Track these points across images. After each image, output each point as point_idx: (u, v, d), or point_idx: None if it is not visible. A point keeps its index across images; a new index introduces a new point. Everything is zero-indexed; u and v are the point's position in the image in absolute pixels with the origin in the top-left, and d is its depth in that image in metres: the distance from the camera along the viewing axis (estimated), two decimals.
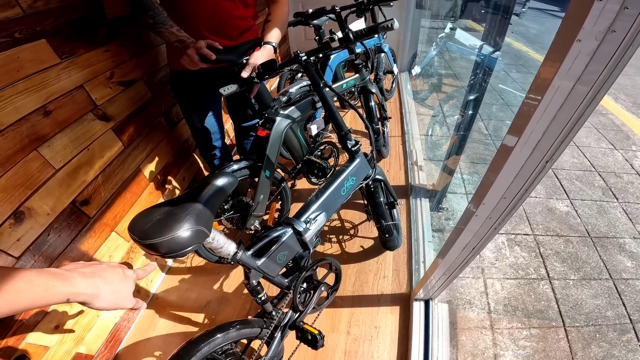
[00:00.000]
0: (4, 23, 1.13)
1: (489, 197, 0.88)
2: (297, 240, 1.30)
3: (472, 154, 3.44)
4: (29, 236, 1.21)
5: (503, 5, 1.68)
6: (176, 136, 2.10)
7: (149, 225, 0.84)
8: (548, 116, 0.63)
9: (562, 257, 2.43)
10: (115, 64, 1.63)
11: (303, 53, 1.32)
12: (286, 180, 1.93)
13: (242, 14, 1.63)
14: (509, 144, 0.73)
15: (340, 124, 1.48)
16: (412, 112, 3.53)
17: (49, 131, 1.28)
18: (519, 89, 5.09)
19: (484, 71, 1.81)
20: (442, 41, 3.94)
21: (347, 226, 2.26)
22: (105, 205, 1.57)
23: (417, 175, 2.59)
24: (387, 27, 1.12)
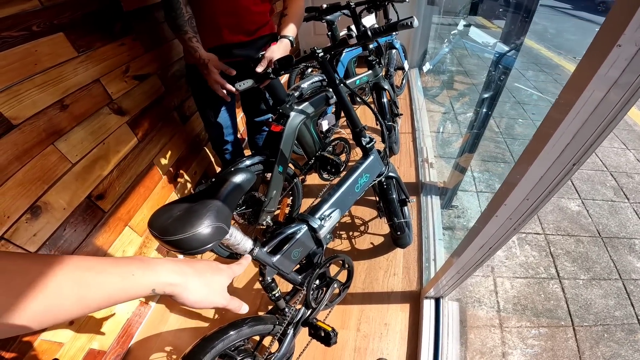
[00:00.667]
0: (22, 16, 1.13)
1: (511, 198, 0.87)
2: (312, 237, 1.30)
3: (483, 152, 3.43)
4: (45, 231, 1.22)
5: (525, 6, 1.64)
6: (188, 130, 2.10)
7: (170, 222, 0.84)
8: (580, 119, 0.62)
9: (572, 256, 2.42)
10: (131, 57, 1.62)
11: (320, 49, 1.31)
12: (298, 176, 1.93)
13: (260, 9, 1.63)
14: (537, 145, 0.71)
15: (356, 120, 1.47)
16: (423, 109, 3.50)
17: (65, 125, 1.28)
18: (530, 87, 5.05)
19: (501, 70, 1.79)
20: (455, 38, 3.91)
21: (357, 222, 2.25)
22: (120, 200, 1.58)
23: (427, 172, 2.58)
24: (406, 24, 1.11)
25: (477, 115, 1.95)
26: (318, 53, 1.31)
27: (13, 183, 1.09)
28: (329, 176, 2.00)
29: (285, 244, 1.21)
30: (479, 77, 5.25)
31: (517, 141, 3.66)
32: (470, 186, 3.00)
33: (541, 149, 0.70)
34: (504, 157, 3.41)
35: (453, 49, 4.68)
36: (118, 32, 1.54)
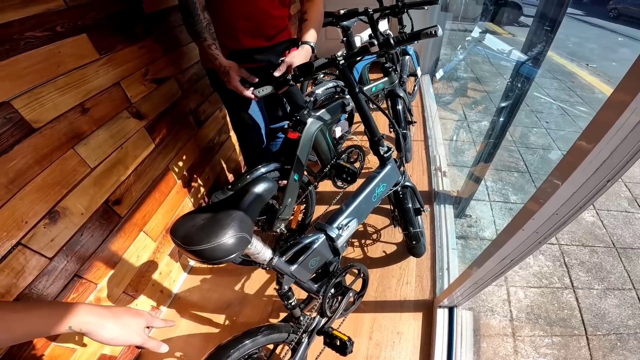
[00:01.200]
0: (47, 15, 1.13)
1: (540, 213, 0.85)
2: (329, 246, 1.30)
3: (496, 161, 3.41)
4: (63, 236, 1.21)
5: (550, 17, 1.61)
6: (202, 135, 2.10)
7: (194, 231, 0.84)
8: (621, 135, 0.60)
9: (586, 267, 2.42)
10: (150, 60, 1.62)
11: (341, 56, 1.30)
12: (313, 184, 1.92)
13: (279, 13, 1.62)
14: (572, 161, 0.70)
15: (374, 129, 1.46)
16: (435, 116, 3.48)
17: (86, 129, 1.28)
18: (544, 95, 5.02)
19: (521, 79, 1.77)
20: (470, 45, 3.89)
21: (370, 231, 2.24)
22: (136, 205, 1.57)
23: (440, 181, 2.56)
24: (430, 33, 1.09)
25: (494, 124, 1.93)
26: (339, 60, 1.30)
27: (32, 188, 1.09)
28: (343, 184, 1.98)
29: (302, 253, 1.21)
30: (493, 84, 5.24)
31: (530, 150, 3.64)
32: (483, 195, 2.98)
33: (578, 164, 0.68)
34: (518, 167, 3.39)
35: (467, 56, 4.67)
36: (139, 34, 1.54)
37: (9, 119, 1.02)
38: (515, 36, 9.18)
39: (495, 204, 2.92)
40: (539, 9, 1.71)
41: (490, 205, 2.89)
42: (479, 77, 5.46)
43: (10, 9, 1.02)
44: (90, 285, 1.36)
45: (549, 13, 1.62)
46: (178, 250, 1.93)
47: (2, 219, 1.01)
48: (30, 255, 1.10)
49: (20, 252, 1.06)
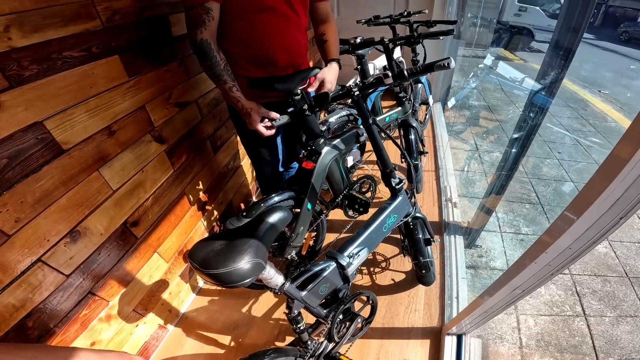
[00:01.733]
0: (84, 35, 1.17)
1: (553, 247, 0.87)
2: (339, 273, 1.32)
3: (508, 192, 3.42)
4: (81, 255, 1.25)
5: (565, 46, 1.61)
6: (218, 161, 2.14)
7: (211, 255, 0.88)
8: (635, 173, 0.62)
9: (599, 295, 2.42)
10: (174, 84, 1.67)
11: (355, 88, 1.35)
12: (324, 213, 1.94)
13: (305, 40, 1.67)
14: (588, 197, 0.72)
15: (386, 161, 1.49)
16: (446, 146, 3.49)
17: (111, 152, 1.32)
18: (556, 124, 5.01)
19: (535, 110, 1.79)
20: (482, 73, 3.93)
21: (380, 259, 2.25)
22: (152, 227, 1.61)
23: (451, 211, 2.56)
24: (443, 65, 1.12)
25: (506, 156, 1.95)
26: (354, 91, 1.34)
27: (57, 207, 1.13)
28: (354, 214, 2.00)
29: (313, 280, 1.24)
30: (505, 113, 5.26)
31: (542, 181, 3.64)
32: (494, 227, 2.98)
33: (593, 200, 0.70)
34: (529, 198, 3.39)
35: (480, 85, 4.70)
36: (165, 57, 1.59)
37: (41, 140, 1.06)
38: (527, 62, 9.24)
39: (506, 234, 2.91)
40: (554, 37, 1.70)
41: (501, 236, 2.89)
42: (491, 105, 5.49)
43: (52, 27, 1.07)
44: (102, 303, 1.39)
45: (563, 41, 1.62)
46: (189, 272, 1.96)
47: (26, 236, 1.05)
48: (48, 271, 1.13)
49: (39, 268, 1.10)
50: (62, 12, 1.10)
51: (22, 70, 1.00)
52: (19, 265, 1.04)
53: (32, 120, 1.03)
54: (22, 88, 1.00)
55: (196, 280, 2.08)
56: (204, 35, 1.34)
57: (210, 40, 1.36)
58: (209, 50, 1.37)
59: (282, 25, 1.52)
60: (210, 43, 1.36)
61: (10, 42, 0.97)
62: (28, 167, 1.03)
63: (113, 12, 1.27)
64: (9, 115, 0.97)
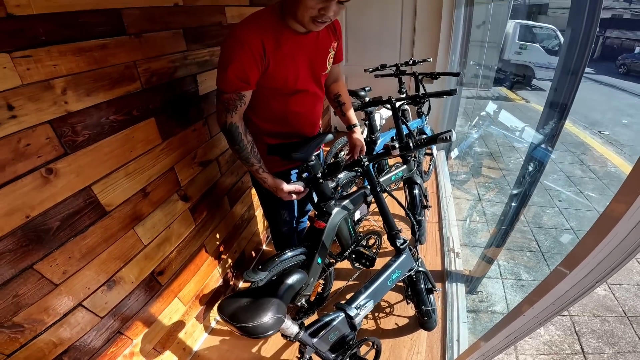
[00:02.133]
0: (127, 98, 1.29)
1: (539, 304, 1.00)
2: (347, 322, 1.45)
3: (509, 242, 3.49)
4: (115, 300, 1.38)
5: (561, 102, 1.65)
6: (234, 213, 2.27)
7: (239, 310, 1.05)
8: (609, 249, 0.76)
9: (597, 334, 2.50)
10: (199, 143, 1.79)
11: (365, 158, 1.51)
12: (333, 265, 2.04)
13: (322, 108, 1.77)
14: (566, 267, 0.85)
15: (392, 224, 1.66)
16: (450, 197, 3.54)
17: (144, 212, 1.46)
18: (557, 171, 5.03)
19: (533, 164, 1.89)
20: (484, 123, 4.02)
21: (384, 305, 2.33)
22: (174, 275, 1.73)
23: (453, 261, 2.63)
24: (445, 138, 1.27)
25: (507, 211, 2.06)
26: (364, 162, 1.51)
27: (98, 261, 1.27)
28: (360, 266, 2.10)
29: (324, 328, 1.38)
30: (507, 161, 5.31)
31: (543, 230, 3.72)
32: (495, 274, 3.07)
33: (571, 271, 0.84)
34: (530, 247, 3.47)
35: (482, 136, 4.77)
36: (192, 117, 1.70)
37: (89, 203, 1.20)
38: (529, 102, 9.30)
39: (507, 281, 3.01)
40: (552, 84, 1.72)
41: (502, 282, 2.98)
42: (493, 152, 5.57)
43: (101, 90, 1.18)
44: (127, 341, 1.50)
45: (559, 97, 1.67)
46: (203, 314, 2.08)
47: (71, 285, 1.18)
48: (86, 314, 1.26)
49: (78, 311, 1.23)
50: (110, 74, 1.21)
51: (75, 136, 1.12)
52: (62, 309, 1.17)
53: (82, 186, 1.17)
54: (75, 154, 1.13)
55: (209, 321, 2.18)
56: (233, 119, 1.40)
57: (238, 123, 1.42)
58: (237, 135, 1.43)
59: (311, 104, 1.64)
60: (238, 127, 1.42)
61: (66, 106, 1.08)
62: (77, 228, 1.17)
63: (151, 74, 1.39)
64: (63, 182, 1.10)
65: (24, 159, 0.98)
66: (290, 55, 1.41)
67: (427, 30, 3.98)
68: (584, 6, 1.49)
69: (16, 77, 0.94)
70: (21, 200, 0.99)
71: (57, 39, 1.03)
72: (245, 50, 1.28)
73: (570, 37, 1.57)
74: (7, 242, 0.97)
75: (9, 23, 0.91)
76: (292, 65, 1.44)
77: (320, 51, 1.54)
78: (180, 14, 1.54)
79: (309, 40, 1.46)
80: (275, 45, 1.35)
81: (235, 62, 1.29)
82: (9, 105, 0.93)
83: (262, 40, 1.30)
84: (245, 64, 1.30)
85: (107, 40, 1.19)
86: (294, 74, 1.47)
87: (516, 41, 10.66)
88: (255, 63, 1.32)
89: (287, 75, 1.45)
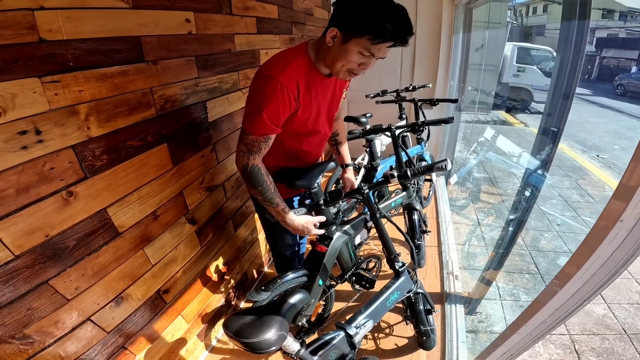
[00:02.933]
0: (143, 124, 1.34)
1: (531, 322, 1.07)
2: (347, 341, 1.50)
3: (507, 264, 3.51)
4: (121, 316, 1.42)
5: (552, 128, 1.69)
6: (238, 237, 2.32)
7: (244, 327, 1.10)
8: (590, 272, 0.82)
9: (597, 351, 2.53)
10: (207, 169, 1.85)
11: (365, 186, 1.58)
12: (333, 287, 2.08)
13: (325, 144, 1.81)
14: (557, 288, 0.92)
15: (391, 248, 1.72)
16: (449, 222, 3.57)
17: (154, 233, 1.52)
18: (555, 195, 5.05)
19: (529, 190, 1.95)
20: (483, 149, 4.08)
21: (383, 325, 2.36)
22: (179, 294, 1.78)
23: (452, 284, 2.66)
24: (440, 167, 1.34)
25: (504, 233, 2.11)
26: (364, 190, 1.58)
27: (108, 279, 1.32)
28: (360, 287, 2.14)
29: (324, 346, 1.42)
30: (506, 186, 5.34)
31: (541, 253, 3.75)
32: (494, 295, 3.10)
33: (556, 293, 0.90)
34: (529, 269, 3.51)
35: (480, 162, 4.78)
36: (201, 143, 1.76)
37: (103, 224, 1.26)
38: (528, 125, 9.31)
39: (506, 302, 3.03)
40: (544, 112, 1.78)
41: (501, 303, 3.01)
42: (492, 178, 5.60)
43: (120, 116, 1.24)
44: (131, 356, 1.53)
45: (552, 122, 1.70)
46: (205, 332, 2.11)
47: (82, 300, 1.23)
48: (93, 328, 1.30)
49: (87, 325, 1.27)
50: (129, 100, 1.27)
51: (95, 161, 1.18)
52: (71, 323, 1.21)
53: (99, 208, 1.23)
54: (94, 178, 1.19)
55: (210, 339, 2.21)
56: (256, 162, 1.36)
57: (260, 165, 1.38)
58: (260, 176, 1.38)
59: (320, 143, 1.69)
60: (260, 168, 1.38)
61: (88, 131, 1.13)
62: (91, 247, 1.23)
63: (165, 100, 1.45)
64: (82, 204, 1.17)
65: (48, 181, 1.05)
66: (316, 98, 1.43)
67: (426, 56, 4.08)
68: (572, 31, 1.56)
69: (45, 102, 1.01)
70: (42, 221, 1.05)
71: (83, 65, 1.10)
72: (284, 94, 1.25)
73: (560, 62, 1.63)
74: (26, 259, 1.03)
75: (41, 48, 0.98)
76: (315, 108, 1.46)
77: (337, 93, 1.59)
78: (193, 42, 1.62)
79: (331, 82, 1.49)
80: (306, 88, 1.35)
81: (272, 105, 1.26)
82: (37, 129, 1.00)
83: (298, 84, 1.29)
84: (281, 107, 1.28)
85: (127, 67, 1.26)
86: (315, 116, 1.49)
87: (514, 64, 10.59)
88: (289, 106, 1.31)
89: (308, 118, 1.46)
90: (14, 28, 0.91)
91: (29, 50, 0.95)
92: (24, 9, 0.93)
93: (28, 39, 0.95)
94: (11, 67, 0.91)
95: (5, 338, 1.01)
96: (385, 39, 1.18)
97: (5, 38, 0.89)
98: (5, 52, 0.90)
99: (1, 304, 0.98)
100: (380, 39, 1.17)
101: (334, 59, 1.29)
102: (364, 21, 1.16)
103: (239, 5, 1.96)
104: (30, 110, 0.97)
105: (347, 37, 1.21)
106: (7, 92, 0.91)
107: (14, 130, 0.94)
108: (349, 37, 1.21)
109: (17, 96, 0.93)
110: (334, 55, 1.28)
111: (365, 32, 1.17)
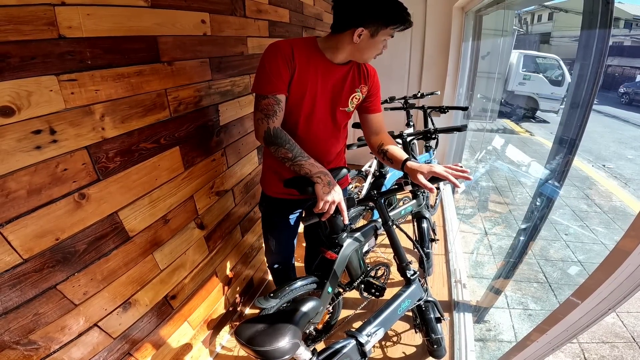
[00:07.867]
0: (156, 126, 1.33)
1: (552, 331, 1.04)
2: (358, 350, 1.47)
3: (516, 274, 3.48)
4: (128, 322, 1.40)
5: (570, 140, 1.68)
6: (245, 243, 2.31)
7: (256, 334, 1.08)
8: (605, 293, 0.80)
9: (607, 359, 2.52)
10: (217, 173, 1.84)
11: (376, 193, 1.57)
12: (342, 294, 2.05)
13: (338, 149, 1.77)
14: (578, 299, 0.89)
15: (402, 256, 1.72)
16: (456, 231, 3.56)
17: (163, 238, 1.50)
18: (563, 205, 5.01)
19: (541, 200, 1.92)
20: (491, 159, 4.07)
21: (391, 334, 2.34)
22: (186, 300, 1.75)
23: (460, 292, 2.64)
24: None
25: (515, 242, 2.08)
26: (376, 197, 1.57)
27: (117, 283, 1.30)
28: (368, 295, 2.11)
29: (335, 355, 1.40)
30: (514, 195, 5.31)
31: (550, 262, 3.73)
32: (503, 304, 3.08)
33: (577, 305, 0.88)
34: (537, 278, 3.48)
35: (488, 171, 4.76)
36: (213, 147, 1.75)
37: (114, 228, 1.24)
38: (534, 134, 9.28)
39: (514, 310, 3.01)
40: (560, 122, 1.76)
41: (510, 312, 2.98)
42: (499, 187, 5.57)
43: (135, 117, 1.23)
44: None
45: (569, 133, 1.71)
46: (210, 339, 2.09)
47: (90, 305, 1.20)
48: (100, 334, 1.27)
49: (93, 331, 1.24)
50: (144, 101, 1.26)
51: (108, 163, 1.16)
52: (78, 328, 1.18)
53: (110, 212, 1.21)
54: (107, 180, 1.17)
55: (215, 346, 2.19)
56: (275, 124, 1.41)
57: (280, 127, 1.43)
58: (284, 135, 1.42)
59: (323, 138, 1.64)
60: (282, 130, 1.43)
61: (103, 132, 1.12)
62: (101, 251, 1.21)
63: (179, 102, 1.44)
64: (93, 207, 1.15)
65: (60, 183, 1.03)
66: (315, 70, 1.47)
67: (434, 64, 4.08)
68: (592, 40, 1.54)
69: (60, 101, 0.99)
70: (53, 224, 1.03)
71: (100, 64, 1.09)
72: (281, 51, 1.37)
73: (578, 72, 1.63)
74: (34, 263, 1.00)
75: (60, 45, 0.97)
76: (314, 81, 1.48)
77: (346, 86, 1.57)
78: (208, 44, 1.61)
79: (338, 71, 1.53)
80: (306, 59, 1.44)
81: (272, 62, 1.37)
82: (52, 129, 0.98)
83: (292, 47, 1.40)
84: (280, 62, 1.37)
85: (143, 66, 1.25)
86: (313, 91, 1.50)
87: (520, 72, 10.59)
88: (287, 63, 1.39)
89: (306, 88, 1.48)
90: (34, 24, 0.89)
91: (48, 47, 0.94)
92: (45, 4, 0.91)
93: (47, 35, 0.93)
94: (29, 64, 0.90)
95: (10, 344, 0.98)
96: (402, 22, 1.38)
97: (25, 34, 0.88)
98: (23, 49, 0.88)
99: (7, 309, 0.96)
100: (400, 24, 1.38)
101: (364, 50, 1.44)
102: (388, 14, 1.35)
103: (253, 8, 1.96)
104: (45, 109, 0.95)
105: (374, 32, 1.37)
106: (23, 90, 0.89)
107: (28, 129, 0.92)
108: (377, 30, 1.37)
109: (32, 94, 0.91)
110: (363, 48, 1.42)
111: (390, 22, 1.36)
